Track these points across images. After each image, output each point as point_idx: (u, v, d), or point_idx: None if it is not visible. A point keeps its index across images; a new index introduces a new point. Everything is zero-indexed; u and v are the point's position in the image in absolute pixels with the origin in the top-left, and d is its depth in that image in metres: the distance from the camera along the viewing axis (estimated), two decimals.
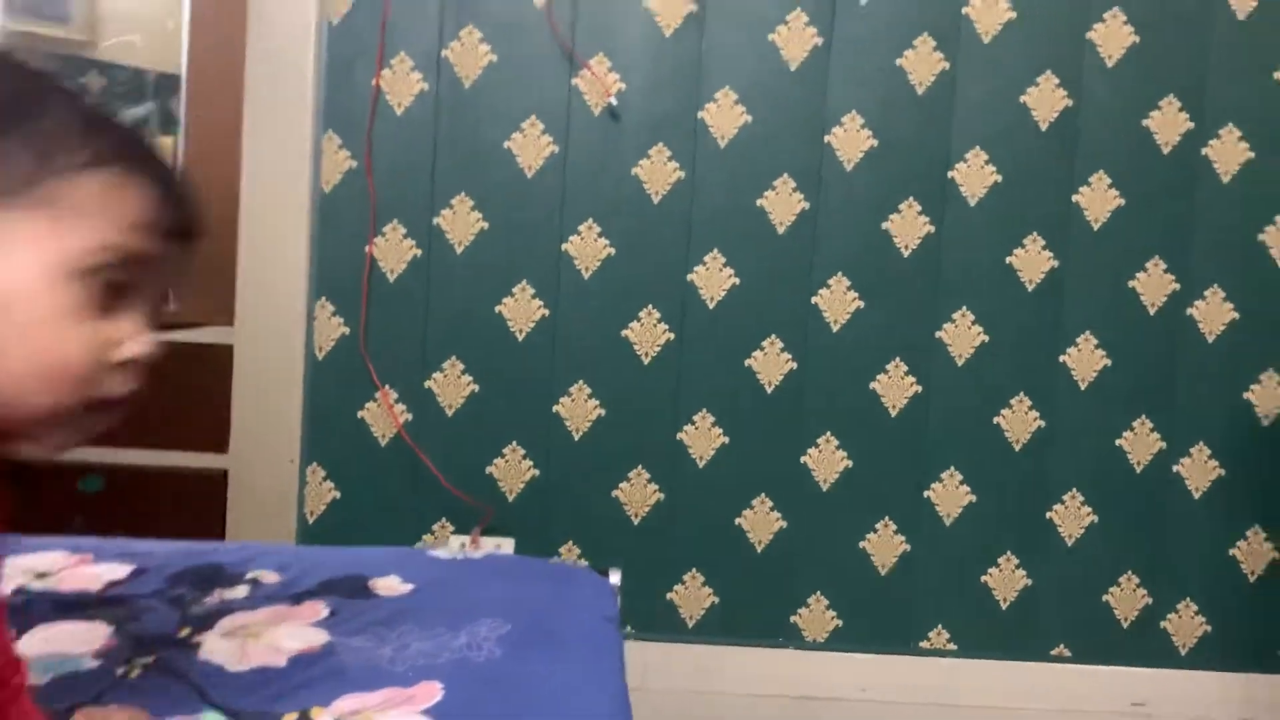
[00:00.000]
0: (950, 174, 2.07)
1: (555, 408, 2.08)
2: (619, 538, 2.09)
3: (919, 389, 2.09)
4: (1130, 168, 2.06)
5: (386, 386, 2.07)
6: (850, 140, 2.07)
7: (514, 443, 2.08)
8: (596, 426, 2.08)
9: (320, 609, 1.07)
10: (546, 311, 2.07)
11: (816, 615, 2.11)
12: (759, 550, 2.11)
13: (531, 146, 2.05)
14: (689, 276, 2.08)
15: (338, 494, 2.09)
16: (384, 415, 2.07)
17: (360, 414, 2.07)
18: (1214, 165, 2.06)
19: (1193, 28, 2.04)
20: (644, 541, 2.09)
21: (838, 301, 2.08)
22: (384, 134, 2.05)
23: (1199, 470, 2.09)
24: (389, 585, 1.14)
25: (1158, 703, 2.09)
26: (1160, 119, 2.05)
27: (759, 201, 2.08)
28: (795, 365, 2.09)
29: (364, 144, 2.04)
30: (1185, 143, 2.05)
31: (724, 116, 2.06)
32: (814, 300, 2.08)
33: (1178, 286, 2.07)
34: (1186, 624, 2.11)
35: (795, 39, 2.06)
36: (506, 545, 2.07)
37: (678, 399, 2.09)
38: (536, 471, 2.08)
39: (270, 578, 1.14)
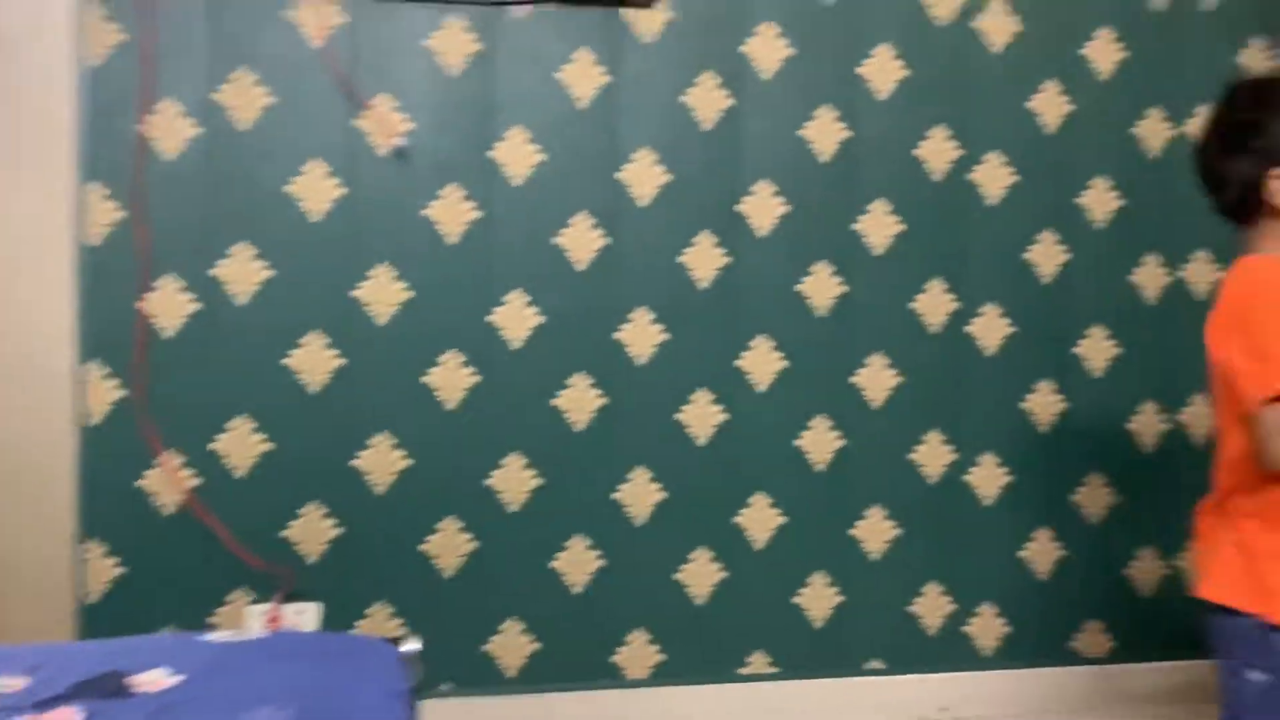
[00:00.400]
0: (740, 207, 2.11)
1: (355, 462, 1.99)
2: (431, 592, 2.02)
3: (725, 417, 2.12)
4: (906, 195, 2.16)
5: (169, 451, 1.93)
6: (643, 176, 2.08)
7: (313, 502, 1.98)
8: (402, 478, 2.01)
9: (71, 717, 0.97)
10: (342, 361, 1.99)
11: (638, 652, 2.10)
12: (576, 591, 2.08)
13: (315, 190, 1.97)
14: (490, 318, 2.04)
15: (121, 571, 1.93)
16: (168, 482, 1.93)
17: (141, 482, 1.93)
18: (981, 190, 2.18)
19: (954, 61, 2.16)
20: (458, 594, 2.03)
21: (642, 335, 2.09)
22: (154, 182, 1.92)
23: (988, 478, 2.20)
24: (154, 680, 1.05)
25: (963, 705, 2.18)
26: (930, 148, 2.16)
27: (557, 239, 2.06)
28: (605, 401, 2.08)
29: (132, 193, 1.91)
30: (954, 170, 2.17)
31: (516, 155, 2.04)
32: (617, 336, 2.08)
33: (957, 305, 2.18)
34: (988, 626, 2.21)
35: (583, 77, 2.06)
36: (310, 612, 1.96)
37: (486, 444, 2.04)
38: (339, 530, 1.99)
39: (12, 684, 1.03)
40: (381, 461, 2.00)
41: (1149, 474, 2.25)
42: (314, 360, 1.97)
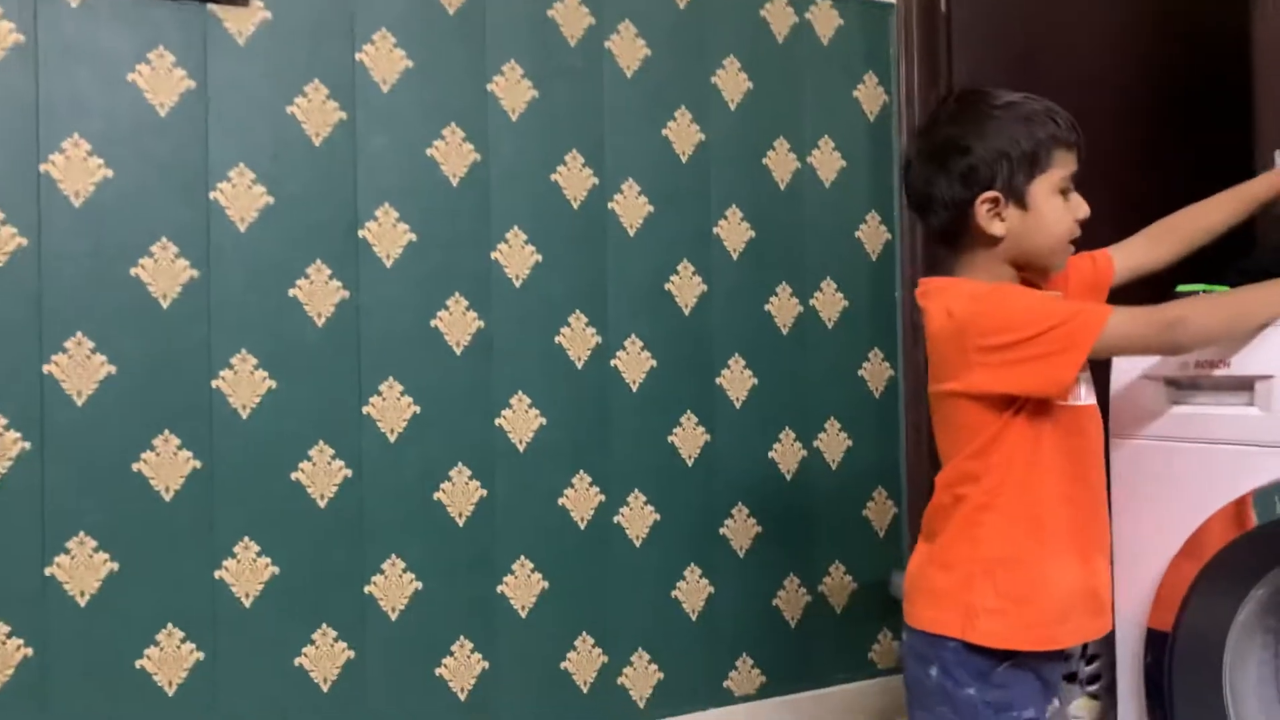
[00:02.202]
0: (361, 233, 1.88)
1: None
2: None
3: (349, 472, 1.86)
4: (544, 223, 2.02)
5: None
6: (241, 196, 1.79)
7: None
8: None
9: None
10: None
11: None
12: (170, 694, 1.73)
13: None
14: (46, 368, 1.66)
15: None
16: None
17: None
18: (620, 219, 2.09)
19: (586, 84, 2.06)
20: None
21: (245, 384, 1.79)
22: None
23: (637, 517, 2.11)
24: None
25: None
26: (567, 174, 2.04)
27: (134, 271, 1.72)
28: (199, 465, 1.76)
29: None
30: (592, 198, 2.07)
31: (75, 171, 1.68)
32: (216, 384, 1.77)
33: (600, 340, 2.07)
34: (641, 675, 2.10)
35: (162, 81, 1.74)
36: None
37: (51, 520, 1.65)
38: None
39: None
40: None
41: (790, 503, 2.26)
42: None
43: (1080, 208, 1.20)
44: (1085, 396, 1.20)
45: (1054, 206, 1.19)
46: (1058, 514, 1.16)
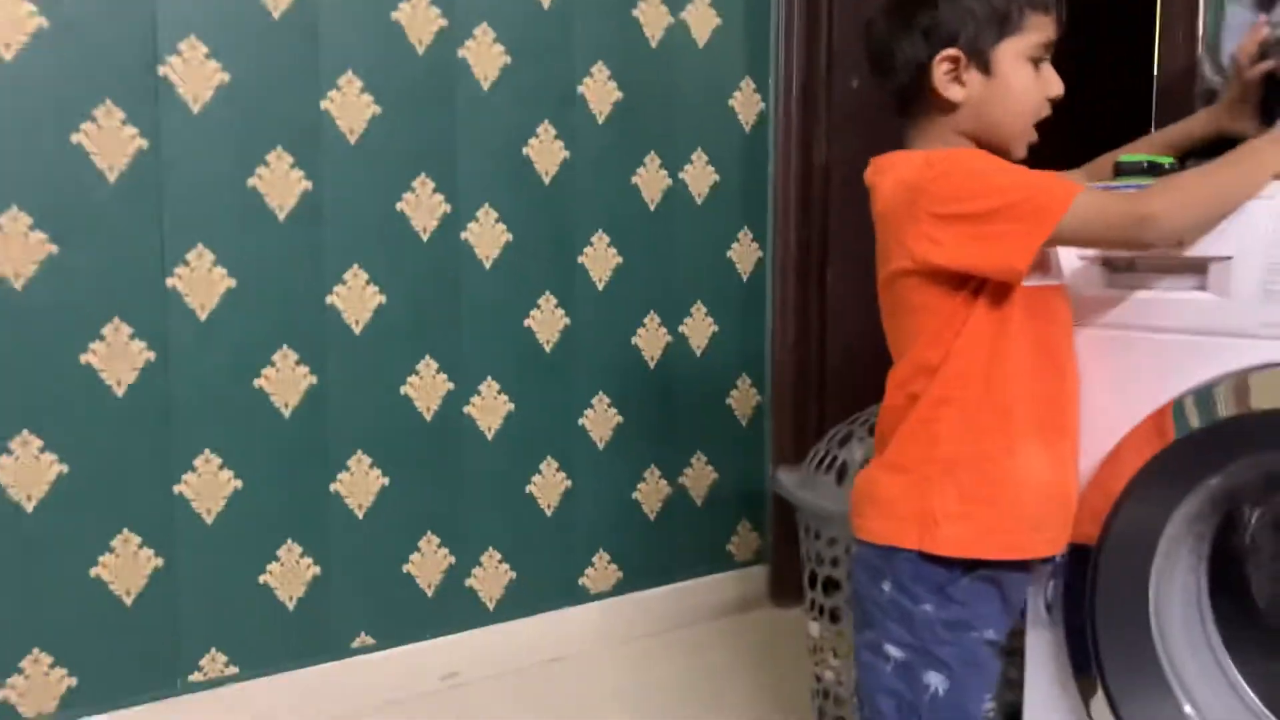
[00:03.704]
0: (162, 70, 1.57)
1: None
2: None
3: (151, 355, 1.59)
4: (383, 68, 1.75)
5: None
6: (4, 17, 1.45)
7: None
8: None
9: None
10: None
11: (36, 682, 1.54)
12: None
13: None
14: None
15: None
16: None
17: None
18: (472, 69, 1.84)
19: None
20: None
21: (15, 247, 1.48)
22: None
23: (490, 408, 1.92)
24: None
25: (470, 667, 1.91)
26: (410, 11, 1.77)
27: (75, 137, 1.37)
28: None
29: None
30: (440, 42, 1.80)
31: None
32: None
33: (449, 209, 1.84)
34: (492, 576, 1.95)
35: None
36: None
37: None
38: None
39: None
40: None
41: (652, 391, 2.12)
42: None
43: (1053, 84, 1.06)
44: (1054, 275, 1.08)
45: (1022, 76, 1.05)
46: (1027, 407, 1.04)
